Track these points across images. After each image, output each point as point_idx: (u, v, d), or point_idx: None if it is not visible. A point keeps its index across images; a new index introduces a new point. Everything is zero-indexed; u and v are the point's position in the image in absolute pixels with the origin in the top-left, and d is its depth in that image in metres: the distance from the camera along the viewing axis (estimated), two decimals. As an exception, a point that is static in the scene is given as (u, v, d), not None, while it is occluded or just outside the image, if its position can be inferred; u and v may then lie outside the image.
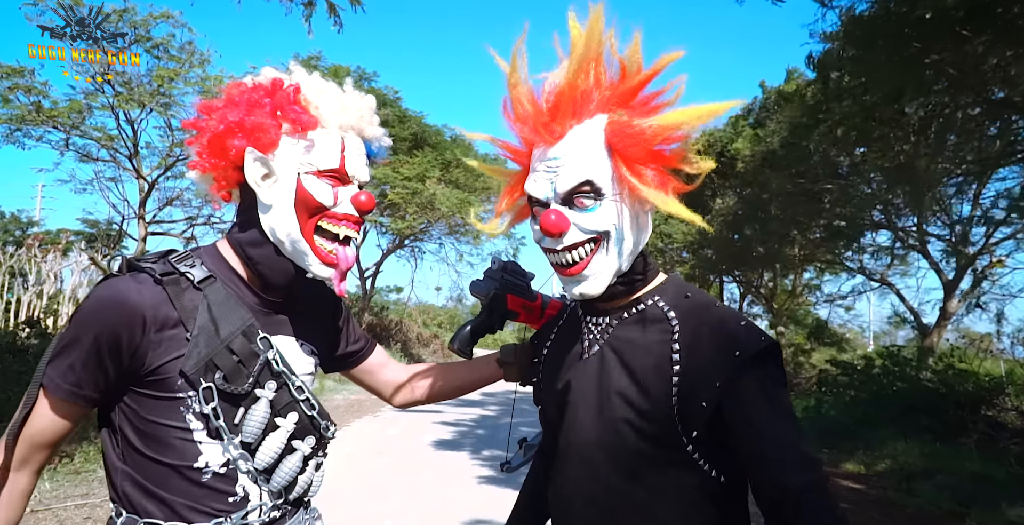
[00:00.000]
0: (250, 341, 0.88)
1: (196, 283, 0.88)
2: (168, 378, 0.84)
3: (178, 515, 0.84)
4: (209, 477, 0.86)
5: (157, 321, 0.83)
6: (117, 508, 0.87)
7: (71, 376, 0.82)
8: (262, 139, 0.89)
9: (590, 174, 0.84)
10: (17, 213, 21.86)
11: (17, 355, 5.67)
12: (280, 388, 0.90)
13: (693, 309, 0.86)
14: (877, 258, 10.54)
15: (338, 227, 0.93)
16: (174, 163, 9.92)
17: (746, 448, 0.78)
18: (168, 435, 0.85)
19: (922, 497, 4.46)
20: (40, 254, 9.09)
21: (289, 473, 0.91)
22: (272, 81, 0.92)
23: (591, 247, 0.85)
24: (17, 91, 8.06)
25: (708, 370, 0.79)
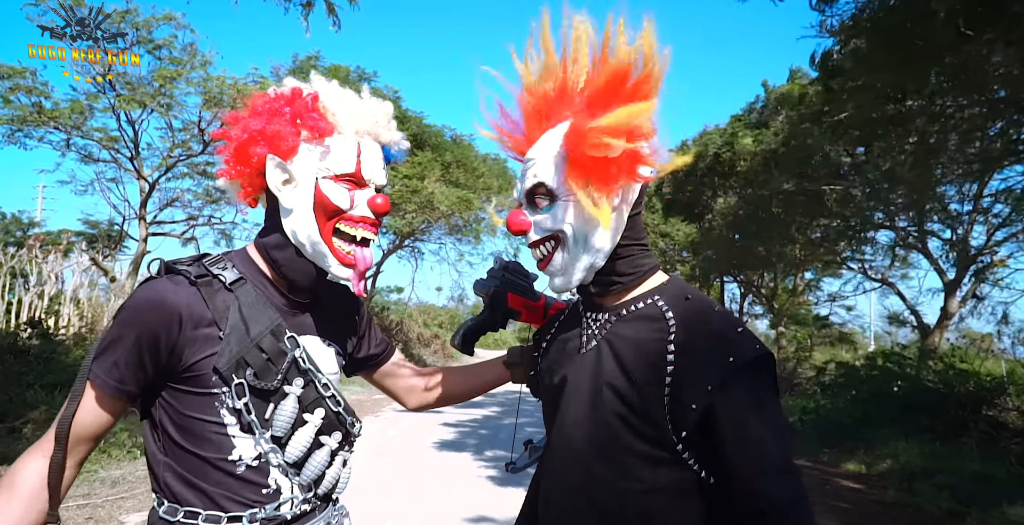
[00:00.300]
0: (278, 340, 0.93)
1: (228, 285, 0.93)
2: (203, 375, 0.88)
3: (216, 504, 0.88)
4: (243, 469, 0.90)
5: (192, 320, 0.88)
6: (159, 498, 0.91)
7: (115, 372, 0.87)
8: (281, 146, 0.93)
9: (543, 176, 0.90)
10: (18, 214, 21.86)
11: (18, 356, 5.68)
12: (307, 385, 0.95)
13: (692, 312, 0.87)
14: (878, 258, 10.55)
15: (355, 229, 0.97)
16: (174, 164, 9.95)
17: (730, 455, 0.78)
18: (204, 429, 0.89)
19: (923, 497, 4.46)
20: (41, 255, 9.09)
21: (318, 467, 0.95)
22: (292, 90, 0.97)
23: (551, 244, 0.91)
24: (19, 92, 8.07)
25: (701, 374, 0.80)
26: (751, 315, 15.63)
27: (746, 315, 15.34)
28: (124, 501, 3.97)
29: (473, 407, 8.99)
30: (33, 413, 4.89)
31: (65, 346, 6.36)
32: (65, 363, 5.94)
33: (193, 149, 9.91)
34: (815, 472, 5.58)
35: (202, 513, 0.88)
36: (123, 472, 4.61)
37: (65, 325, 7.55)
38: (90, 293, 9.02)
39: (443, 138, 13.23)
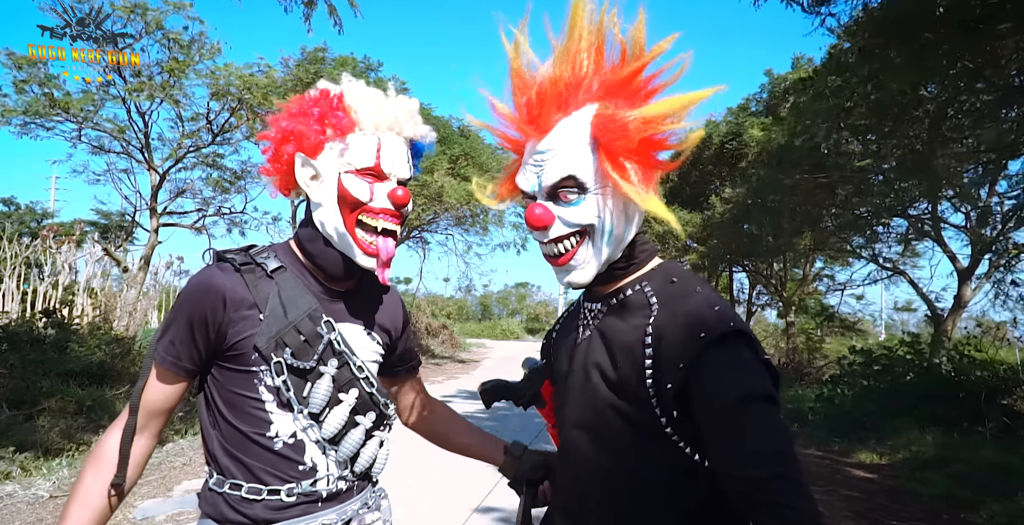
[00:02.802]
0: (315, 323, 1.00)
1: (269, 272, 1.01)
2: (244, 353, 0.97)
3: (256, 478, 0.96)
4: (280, 446, 0.98)
5: (235, 302, 0.97)
6: (210, 470, 1.00)
7: (172, 350, 0.97)
8: (306, 144, 1.00)
9: (573, 169, 0.85)
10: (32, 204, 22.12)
11: (34, 345, 5.76)
12: (342, 366, 1.01)
13: (673, 294, 0.86)
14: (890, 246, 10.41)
15: (376, 220, 1.01)
16: (184, 155, 9.98)
17: (709, 432, 0.77)
18: (245, 405, 0.97)
19: (936, 486, 4.43)
20: (55, 245, 9.20)
21: (353, 445, 1.01)
22: (321, 91, 1.04)
23: (576, 239, 0.87)
24: (32, 83, 8.10)
25: (676, 352, 0.79)
26: (759, 305, 15.52)
27: (754, 305, 15.24)
28: (138, 487, 4.04)
29: (479, 398, 9.02)
30: (48, 401, 4.96)
31: (80, 335, 6.44)
32: (79, 352, 6.01)
33: (203, 139, 9.94)
34: (827, 461, 5.56)
35: (244, 485, 0.96)
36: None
37: (79, 315, 7.65)
38: (103, 283, 9.12)
39: (451, 130, 13.16)
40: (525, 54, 0.89)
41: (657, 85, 0.86)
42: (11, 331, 5.74)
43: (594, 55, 0.86)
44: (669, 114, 0.82)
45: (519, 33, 0.89)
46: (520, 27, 0.89)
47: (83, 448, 4.64)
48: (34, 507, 3.60)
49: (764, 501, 0.71)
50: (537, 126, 0.87)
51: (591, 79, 0.86)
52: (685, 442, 0.82)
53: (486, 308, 35.75)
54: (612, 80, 0.85)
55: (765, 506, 0.71)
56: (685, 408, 0.79)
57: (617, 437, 0.85)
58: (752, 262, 13.20)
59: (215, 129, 9.77)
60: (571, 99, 0.86)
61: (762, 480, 0.71)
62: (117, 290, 9.01)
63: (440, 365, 14.31)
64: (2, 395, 4.85)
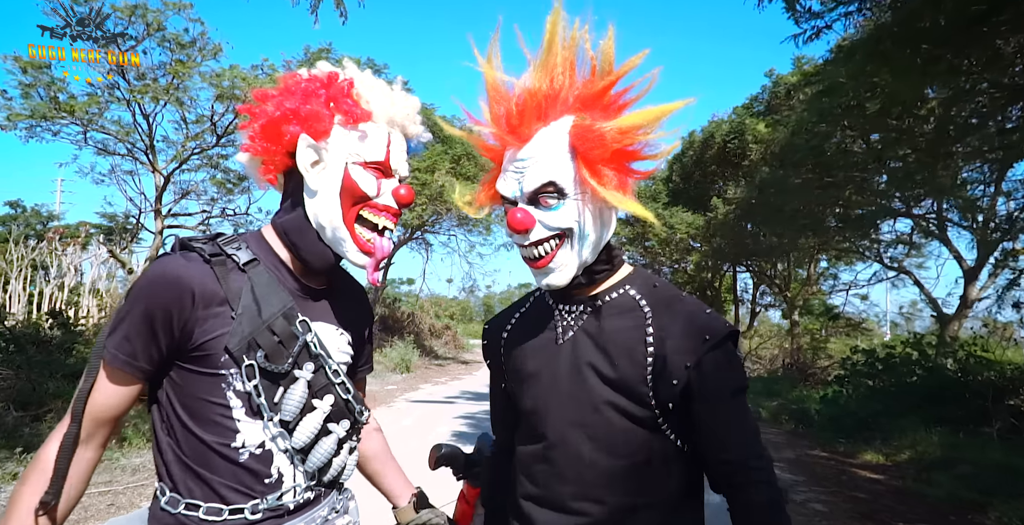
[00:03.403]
0: (290, 323, 0.92)
1: (241, 265, 0.91)
2: (212, 354, 0.87)
3: (217, 495, 0.87)
4: (246, 457, 0.88)
5: (205, 298, 0.87)
6: (162, 486, 0.90)
7: (126, 347, 0.85)
8: (316, 127, 0.93)
9: (553, 175, 0.90)
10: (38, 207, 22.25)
11: (40, 346, 5.79)
12: (317, 370, 0.94)
13: (663, 299, 0.96)
14: (895, 247, 10.36)
15: (378, 217, 0.97)
16: (189, 156, 10.02)
17: (707, 421, 0.89)
18: (209, 411, 0.87)
19: (943, 487, 4.40)
20: (61, 247, 9.24)
21: (324, 454, 0.94)
22: (328, 74, 0.97)
23: (556, 242, 0.92)
24: (38, 86, 8.15)
25: (680, 353, 0.89)
26: (763, 305, 15.47)
27: (758, 305, 15.19)
28: (145, 488, 4.05)
29: (483, 399, 9.04)
30: (55, 402, 4.99)
31: (85, 337, 6.47)
32: (85, 353, 6.04)
33: (207, 141, 9.98)
34: (832, 462, 5.53)
35: (203, 506, 0.86)
36: (143, 459, 4.70)
37: (85, 316, 7.68)
38: (108, 285, 9.16)
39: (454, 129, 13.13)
40: (499, 68, 0.93)
41: (629, 99, 0.91)
42: (18, 333, 5.78)
43: (569, 69, 0.91)
44: (642, 125, 0.88)
45: (492, 47, 0.93)
46: (492, 41, 0.93)
47: (89, 449, 4.67)
48: (40, 508, 3.61)
49: (747, 480, 0.87)
50: (517, 135, 0.91)
51: (567, 91, 0.91)
52: (673, 432, 0.92)
53: (489, 309, 35.75)
54: (587, 93, 0.91)
55: (750, 484, 0.87)
56: (682, 402, 0.89)
57: (612, 431, 0.91)
58: (756, 262, 13.17)
59: (219, 131, 9.81)
60: (549, 110, 0.91)
61: (744, 460, 0.87)
62: (122, 292, 9.05)
63: (443, 366, 14.31)
64: (9, 396, 4.88)
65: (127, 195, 11.71)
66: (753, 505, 0.86)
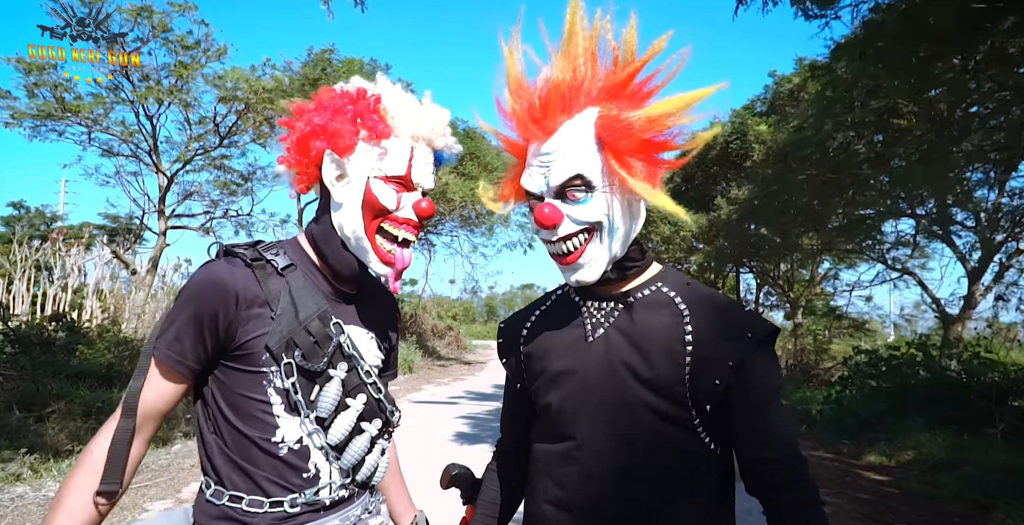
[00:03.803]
0: (324, 325, 0.97)
1: (280, 269, 0.98)
2: (254, 353, 0.93)
3: (259, 488, 0.92)
4: (285, 452, 0.94)
5: (247, 300, 0.93)
6: (207, 480, 0.95)
7: (176, 346, 0.91)
8: (339, 143, 0.98)
9: (580, 168, 0.88)
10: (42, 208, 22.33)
11: (44, 347, 5.81)
12: (350, 370, 0.99)
13: (700, 297, 0.94)
14: (898, 248, 10.33)
15: (397, 229, 1.00)
16: (192, 157, 10.04)
17: (750, 421, 0.88)
18: (251, 407, 0.93)
19: (947, 489, 4.39)
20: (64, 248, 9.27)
21: (358, 452, 0.99)
22: (357, 90, 1.01)
23: (584, 237, 0.90)
24: (43, 87, 8.18)
25: (721, 352, 0.87)
26: (767, 305, 15.43)
27: (761, 306, 15.16)
28: (148, 489, 4.06)
29: (485, 400, 9.04)
30: (58, 403, 5.00)
31: (88, 338, 6.49)
32: (88, 354, 6.06)
33: (210, 142, 10.00)
34: (836, 463, 5.51)
35: (246, 498, 0.91)
36: (146, 460, 4.71)
37: (88, 318, 7.70)
38: (112, 286, 9.19)
39: (457, 131, 13.17)
40: (520, 61, 0.92)
41: (654, 87, 0.89)
42: (22, 334, 5.79)
43: (591, 60, 0.89)
44: (672, 113, 0.86)
45: (513, 40, 0.91)
46: (513, 34, 0.91)
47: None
48: (44, 508, 3.62)
49: (788, 478, 0.86)
50: (541, 128, 0.89)
51: (590, 82, 0.89)
52: (707, 434, 0.90)
53: (492, 309, 35.78)
54: (611, 83, 0.89)
55: (792, 482, 0.86)
56: (721, 402, 0.88)
57: (646, 432, 0.89)
58: (759, 263, 13.14)
59: (222, 132, 9.83)
60: (573, 102, 0.89)
61: (784, 459, 0.86)
62: (125, 292, 9.08)
63: (446, 367, 14.32)
64: (13, 397, 4.90)
65: (131, 196, 11.77)
66: (796, 503, 0.85)
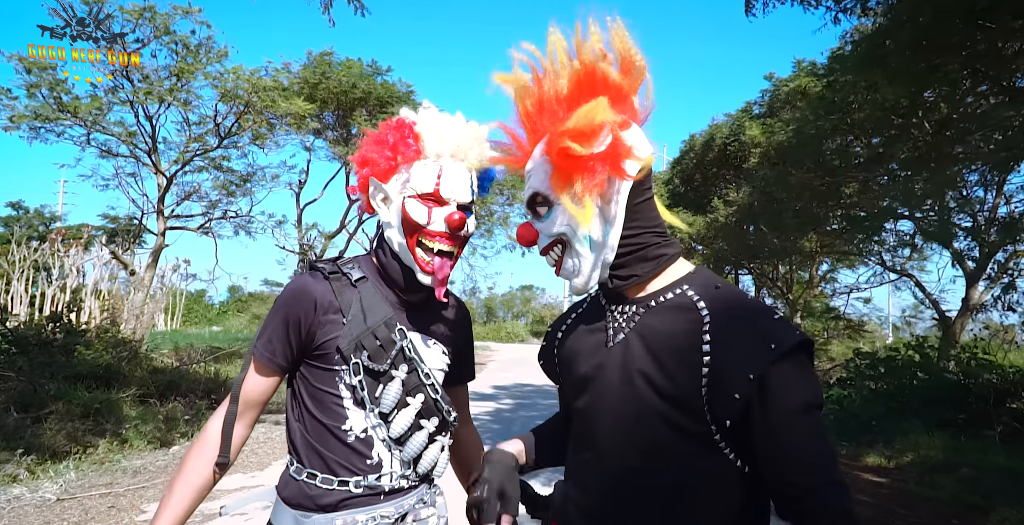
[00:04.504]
0: (390, 330, 1.10)
1: (353, 281, 1.13)
2: (328, 353, 1.08)
3: (330, 469, 1.07)
4: (352, 439, 1.08)
5: (323, 306, 1.09)
6: (291, 458, 1.12)
7: (269, 346, 1.09)
8: (379, 170, 1.12)
9: (537, 185, 0.93)
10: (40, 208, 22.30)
11: (42, 347, 5.79)
12: (411, 372, 1.11)
13: (725, 301, 0.87)
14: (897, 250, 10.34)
15: (432, 242, 1.10)
16: (191, 158, 10.03)
17: (772, 440, 0.79)
18: (327, 400, 1.09)
19: (945, 491, 4.39)
20: (63, 249, 9.26)
21: (417, 446, 1.10)
22: (397, 120, 1.15)
23: (559, 248, 0.94)
24: (42, 87, 8.16)
25: (742, 363, 0.79)
26: (766, 308, 15.43)
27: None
28: (145, 490, 4.05)
29: (486, 400, 9.03)
30: (56, 404, 4.99)
31: (87, 339, 6.47)
32: (87, 355, 6.05)
33: (209, 143, 9.99)
34: (833, 465, 5.52)
35: (319, 475, 1.07)
36: (144, 462, 4.70)
37: (87, 319, 7.69)
38: (111, 286, 9.17)
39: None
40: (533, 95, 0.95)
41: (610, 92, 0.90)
42: (20, 334, 5.78)
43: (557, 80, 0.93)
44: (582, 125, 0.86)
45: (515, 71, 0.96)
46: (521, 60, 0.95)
47: (90, 451, 4.66)
48: (41, 510, 3.61)
49: (818, 506, 0.77)
50: (525, 154, 0.98)
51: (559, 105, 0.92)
52: (732, 449, 0.83)
53: (491, 311, 35.74)
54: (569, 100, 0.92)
55: (819, 511, 0.77)
56: (743, 417, 0.80)
57: (662, 444, 0.84)
58: (757, 264, 13.15)
59: (222, 132, 9.82)
60: (541, 125, 0.94)
61: (816, 486, 0.77)
62: (124, 293, 9.06)
63: (445, 368, 14.28)
64: (10, 398, 4.88)
65: (130, 196, 11.74)
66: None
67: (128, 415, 5.44)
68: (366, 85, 11.12)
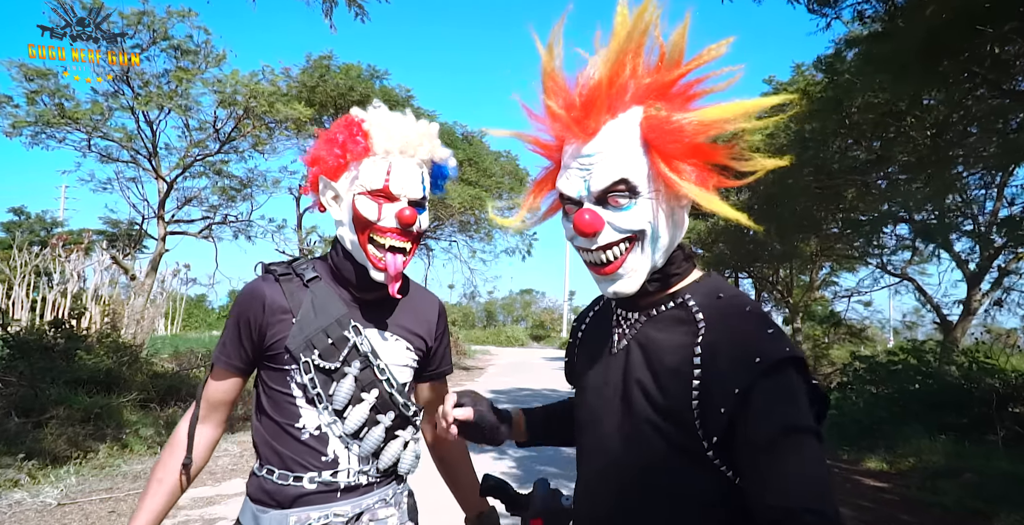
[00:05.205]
0: (342, 328, 1.11)
1: (305, 281, 1.14)
2: (279, 353, 1.10)
3: (285, 465, 1.10)
4: (307, 437, 1.10)
5: (273, 308, 1.11)
6: (256, 458, 1.15)
7: (224, 349, 1.13)
8: (328, 168, 1.12)
9: (626, 172, 0.81)
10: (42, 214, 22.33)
11: (43, 352, 5.79)
12: (365, 368, 1.12)
13: (723, 312, 0.82)
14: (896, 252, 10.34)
15: (384, 238, 1.09)
16: (192, 163, 10.04)
17: (750, 459, 0.74)
18: (280, 399, 1.11)
19: (948, 496, 4.37)
20: (64, 254, 9.27)
21: (374, 441, 1.12)
22: (346, 118, 1.15)
23: (626, 246, 0.83)
24: (43, 94, 8.19)
25: (728, 377, 0.75)
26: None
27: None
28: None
29: (488, 404, 8.99)
30: (57, 409, 4.98)
31: (88, 344, 6.47)
32: (87, 360, 6.04)
33: (209, 148, 10.01)
34: (836, 470, 5.50)
35: (277, 471, 1.09)
36: (144, 467, 4.69)
37: (88, 324, 7.69)
38: (111, 291, 9.17)
39: (455, 136, 13.22)
40: (558, 57, 0.86)
41: (701, 90, 0.83)
42: (21, 339, 5.78)
43: (636, 56, 0.83)
44: (728, 119, 0.79)
45: (555, 35, 0.85)
46: (555, 30, 0.85)
47: (90, 456, 4.65)
48: (42, 515, 3.60)
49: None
50: (583, 128, 0.82)
51: (636, 81, 0.83)
52: (726, 465, 0.79)
53: (491, 315, 35.71)
54: (657, 82, 0.82)
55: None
56: (731, 433, 0.76)
57: (659, 457, 0.81)
58: (758, 268, 13.15)
59: (222, 137, 9.84)
60: (617, 101, 0.82)
61: (794, 511, 0.69)
62: (125, 298, 9.06)
63: (445, 372, 14.25)
64: (12, 403, 4.88)
65: (130, 201, 11.75)
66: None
67: (128, 420, 5.44)
68: (364, 88, 11.13)
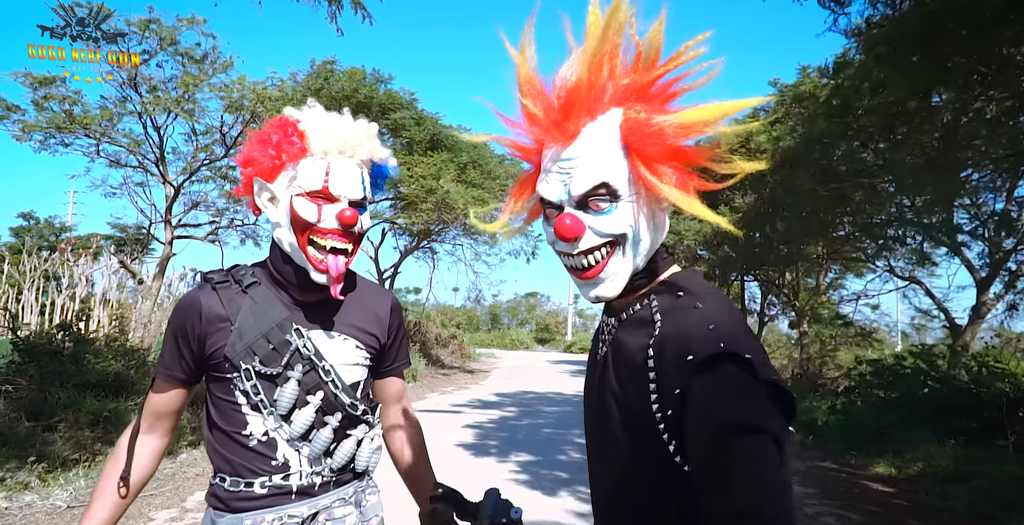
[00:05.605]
0: (284, 332, 1.10)
1: (243, 288, 1.12)
2: (220, 361, 1.09)
3: (236, 472, 1.10)
4: (255, 443, 1.10)
5: (209, 317, 1.09)
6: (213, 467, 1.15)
7: (164, 361, 1.12)
8: (263, 170, 1.09)
9: (606, 176, 0.80)
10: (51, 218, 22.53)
11: (52, 356, 5.83)
12: (309, 371, 1.11)
13: (674, 311, 0.80)
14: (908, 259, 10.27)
15: (324, 240, 1.08)
16: (198, 168, 10.13)
17: (692, 458, 0.71)
18: (226, 407, 1.11)
19: (957, 501, 4.33)
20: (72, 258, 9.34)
21: (323, 442, 1.11)
22: (279, 118, 1.12)
23: (607, 250, 0.82)
24: (52, 101, 8.28)
25: (671, 377, 0.74)
26: (770, 315, 15.34)
27: (766, 315, 15.09)
28: (153, 498, 4.06)
29: (490, 408, 9.00)
30: (65, 413, 5.02)
31: (96, 347, 6.51)
32: (96, 363, 6.08)
33: (216, 153, 10.09)
34: (843, 475, 5.46)
35: (228, 479, 1.10)
36: (152, 470, 4.71)
37: (96, 328, 7.74)
38: (119, 295, 9.24)
39: (459, 138, 13.26)
40: (532, 59, 0.84)
41: (679, 89, 0.82)
42: (30, 343, 5.82)
43: (613, 57, 0.81)
44: (709, 121, 0.78)
45: (525, 37, 0.83)
46: (525, 31, 0.83)
47: (99, 459, 4.68)
48: (52, 517, 3.63)
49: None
50: (562, 131, 0.81)
51: (614, 82, 0.82)
52: None
53: (496, 318, 35.70)
54: (635, 84, 0.81)
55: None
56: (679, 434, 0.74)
57: (631, 460, 0.80)
58: (764, 271, 13.09)
59: (228, 142, 9.92)
60: (596, 103, 0.81)
61: (732, 515, 0.65)
62: (132, 302, 9.13)
63: (449, 375, 14.28)
64: (21, 406, 4.92)
65: (138, 206, 11.85)
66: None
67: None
68: (367, 91, 11.19)
